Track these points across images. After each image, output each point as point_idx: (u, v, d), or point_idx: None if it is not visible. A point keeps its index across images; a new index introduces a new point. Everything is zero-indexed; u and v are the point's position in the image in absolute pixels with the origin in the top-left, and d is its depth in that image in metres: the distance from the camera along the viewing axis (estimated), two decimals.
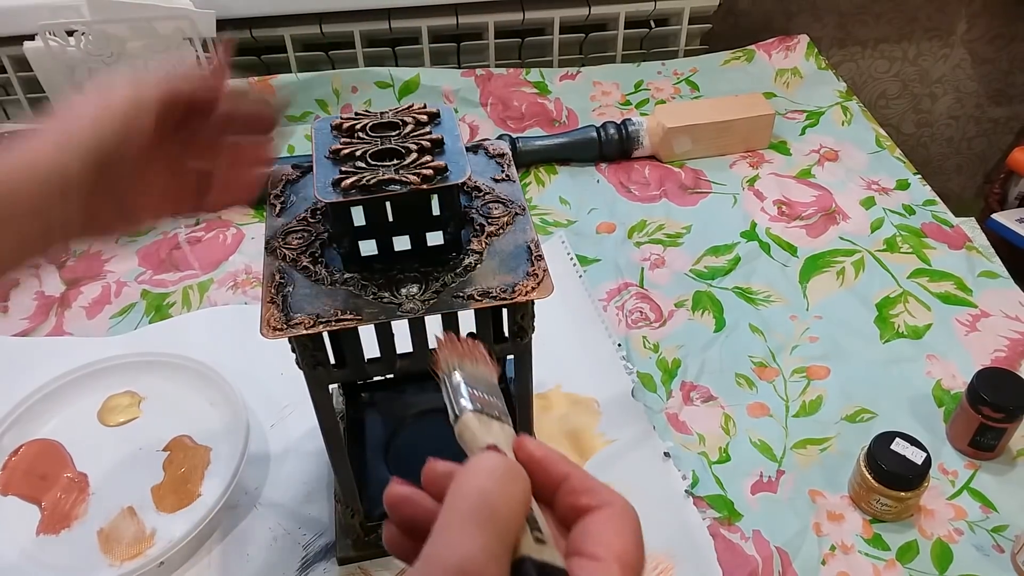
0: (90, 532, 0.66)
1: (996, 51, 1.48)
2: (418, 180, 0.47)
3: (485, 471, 0.29)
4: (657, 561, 0.65)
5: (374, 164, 0.48)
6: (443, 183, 0.47)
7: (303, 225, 0.54)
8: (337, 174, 0.48)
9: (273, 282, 0.50)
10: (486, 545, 0.27)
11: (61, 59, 1.00)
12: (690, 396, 0.77)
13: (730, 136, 1.04)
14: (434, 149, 0.50)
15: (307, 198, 0.56)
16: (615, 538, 0.30)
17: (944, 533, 0.66)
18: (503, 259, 0.51)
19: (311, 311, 0.48)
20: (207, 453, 0.71)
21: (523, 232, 0.53)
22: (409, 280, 0.50)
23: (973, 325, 0.83)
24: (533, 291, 0.49)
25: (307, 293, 0.49)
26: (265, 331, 0.47)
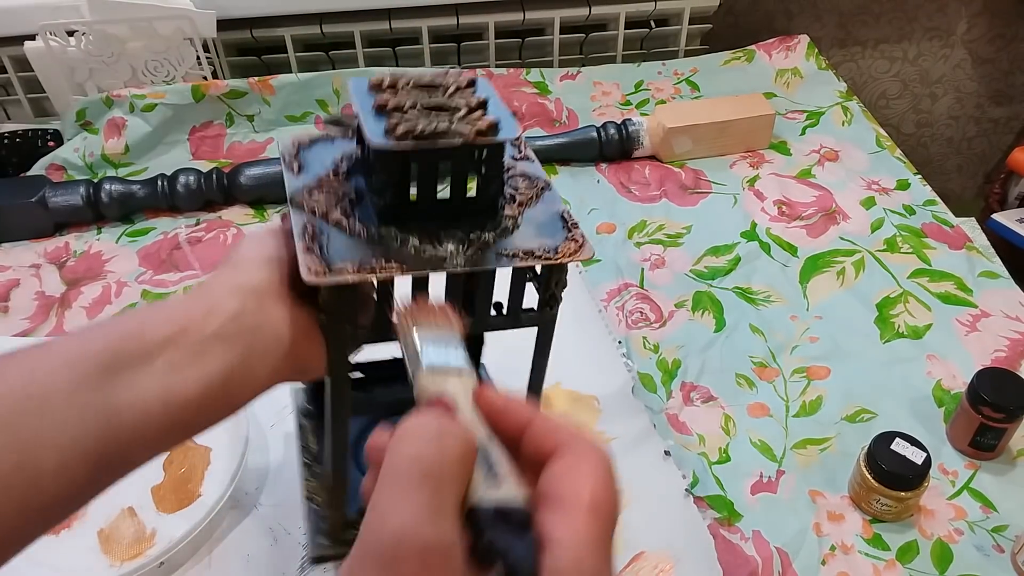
0: (90, 532, 0.66)
1: (996, 51, 1.48)
2: (472, 132, 0.45)
3: (413, 434, 0.29)
4: (657, 561, 0.65)
5: (426, 113, 0.47)
6: (496, 138, 0.46)
7: (327, 186, 0.52)
8: (387, 124, 0.45)
9: (307, 232, 0.47)
10: (420, 508, 0.26)
11: (61, 59, 1.00)
12: (690, 396, 0.77)
13: (730, 136, 1.04)
14: (481, 107, 0.48)
15: (325, 162, 0.54)
16: (584, 481, 0.29)
17: (944, 533, 0.66)
18: (539, 225, 0.50)
19: (351, 259, 0.46)
20: (207, 453, 0.71)
21: (553, 204, 0.52)
22: (449, 236, 0.48)
23: (973, 325, 0.83)
24: (577, 252, 0.48)
25: (344, 244, 0.47)
26: (307, 274, 0.44)
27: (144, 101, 1.00)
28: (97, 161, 1.00)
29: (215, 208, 0.97)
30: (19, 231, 0.93)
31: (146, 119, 1.01)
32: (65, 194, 0.92)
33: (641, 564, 0.64)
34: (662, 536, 0.66)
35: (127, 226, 0.95)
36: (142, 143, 1.01)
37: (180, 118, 1.03)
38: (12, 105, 1.13)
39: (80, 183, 0.93)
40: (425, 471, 0.27)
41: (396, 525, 0.26)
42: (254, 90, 1.04)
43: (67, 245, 0.92)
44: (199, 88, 1.02)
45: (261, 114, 1.06)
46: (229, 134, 1.05)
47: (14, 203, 0.91)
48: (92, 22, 0.98)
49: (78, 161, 1.00)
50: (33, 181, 0.95)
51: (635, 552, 0.65)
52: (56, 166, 1.00)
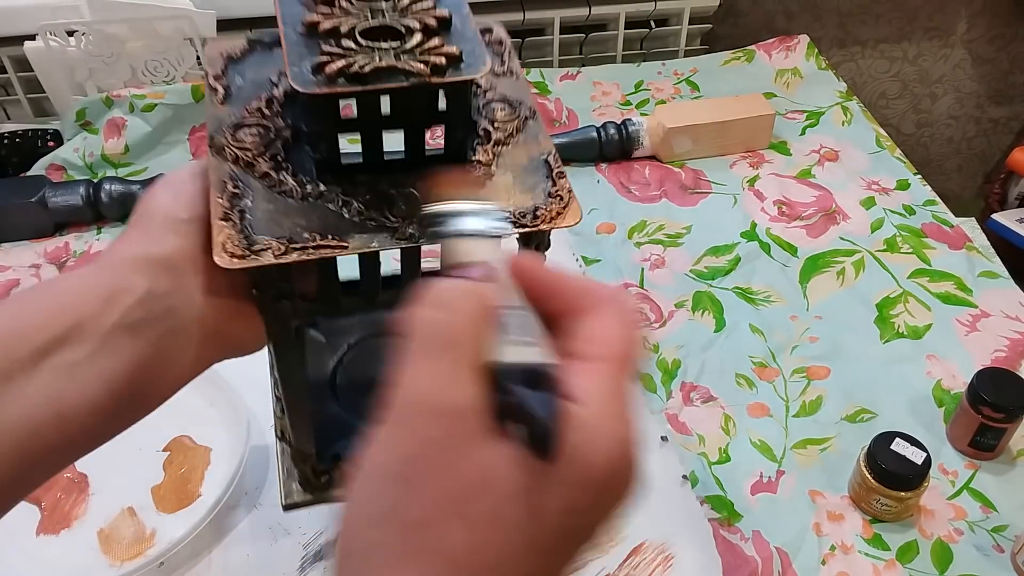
0: (90, 532, 0.66)
1: (996, 51, 1.48)
2: (426, 70, 0.36)
3: (427, 301, 0.28)
4: (657, 551, 0.65)
5: (366, 45, 0.37)
6: (457, 76, 0.37)
7: (256, 119, 0.42)
8: (317, 55, 0.36)
9: (225, 191, 0.38)
10: (438, 374, 0.26)
11: (61, 59, 1.00)
12: (690, 397, 0.77)
13: (730, 136, 1.04)
14: (440, 29, 0.39)
15: (259, 83, 0.44)
16: (613, 336, 0.29)
17: (944, 533, 0.66)
18: (517, 175, 0.42)
19: (279, 233, 0.37)
20: (207, 453, 0.71)
21: (536, 142, 0.43)
22: (403, 196, 0.40)
23: (973, 325, 0.83)
24: (559, 216, 0.40)
25: (271, 208, 0.38)
26: (221, 257, 0.36)
27: (144, 101, 1.00)
28: (97, 161, 1.00)
29: None
30: (19, 231, 0.93)
31: (146, 119, 1.01)
32: (65, 194, 0.92)
33: (641, 556, 0.65)
34: (661, 525, 0.66)
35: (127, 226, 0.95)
36: (142, 143, 1.01)
37: (180, 118, 1.03)
38: (12, 105, 1.13)
39: (80, 183, 0.93)
40: (440, 336, 0.27)
41: (415, 392, 0.26)
42: None
43: (67, 245, 0.92)
44: (199, 88, 1.02)
45: None
46: None
47: (14, 203, 0.91)
48: (92, 22, 0.98)
49: (78, 161, 1.00)
50: (33, 181, 0.95)
51: (635, 543, 0.65)
52: (56, 166, 1.00)
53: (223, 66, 0.45)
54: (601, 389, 0.28)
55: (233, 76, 0.44)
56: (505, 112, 0.45)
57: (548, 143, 0.43)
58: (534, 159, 0.43)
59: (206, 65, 0.45)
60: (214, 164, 0.40)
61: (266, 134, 0.41)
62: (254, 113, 0.42)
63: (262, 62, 0.44)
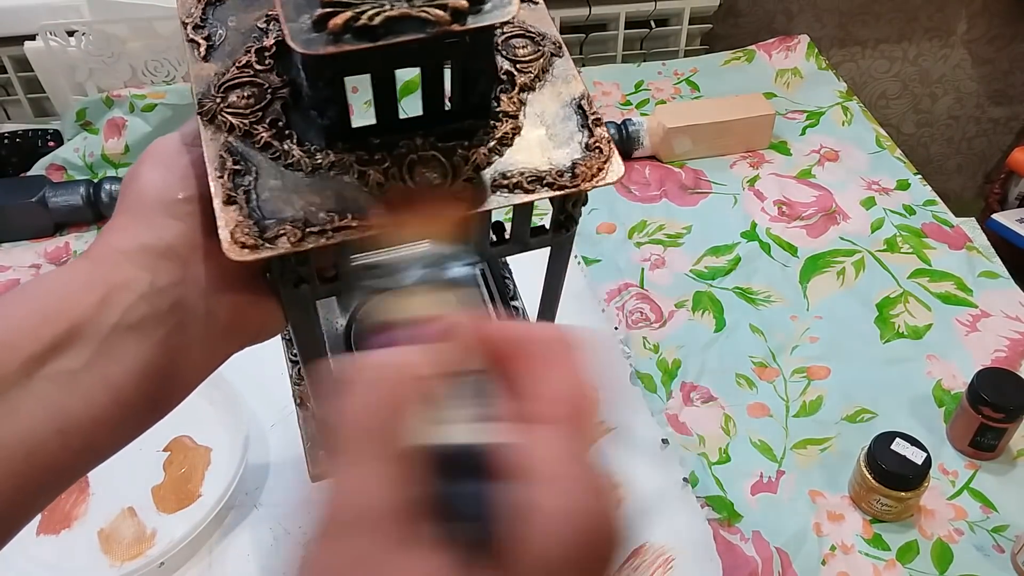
0: (91, 532, 0.66)
1: (996, 51, 1.48)
2: (446, 16, 0.31)
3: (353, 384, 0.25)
4: (657, 553, 0.65)
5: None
6: (481, 21, 0.32)
7: (248, 75, 0.36)
8: (318, 7, 0.31)
9: (225, 168, 0.34)
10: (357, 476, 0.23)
11: (61, 59, 1.00)
12: (690, 397, 0.77)
13: (730, 136, 1.04)
14: None
15: (245, 30, 0.38)
16: (559, 389, 0.25)
17: (944, 533, 0.66)
18: (549, 126, 0.37)
19: (292, 215, 0.33)
20: (207, 453, 0.71)
21: (566, 83, 0.39)
22: (427, 160, 0.35)
23: (973, 325, 0.83)
24: (600, 173, 0.36)
25: (278, 185, 0.34)
26: (231, 249, 0.32)
27: (144, 101, 1.00)
28: (97, 161, 1.00)
29: None
30: (19, 231, 0.93)
31: (146, 119, 1.01)
32: (65, 194, 0.92)
33: (641, 559, 0.65)
34: (661, 528, 0.66)
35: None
36: (142, 143, 1.01)
37: (180, 118, 1.03)
38: (12, 105, 1.13)
39: (80, 183, 0.93)
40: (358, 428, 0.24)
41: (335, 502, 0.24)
42: None
43: (67, 245, 0.92)
44: None
45: None
46: None
47: (14, 203, 0.91)
48: (92, 22, 0.98)
49: (78, 161, 1.00)
50: (33, 181, 0.95)
51: (635, 545, 0.65)
52: (56, 166, 1.00)
53: (200, 13, 0.39)
54: (556, 456, 0.23)
55: (214, 24, 0.38)
56: (527, 49, 0.39)
57: (579, 84, 0.39)
58: (566, 104, 0.38)
59: (180, 12, 0.39)
60: (207, 135, 0.35)
61: (261, 94, 0.36)
62: (244, 69, 0.37)
63: (245, 2, 0.38)
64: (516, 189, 0.35)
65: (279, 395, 0.75)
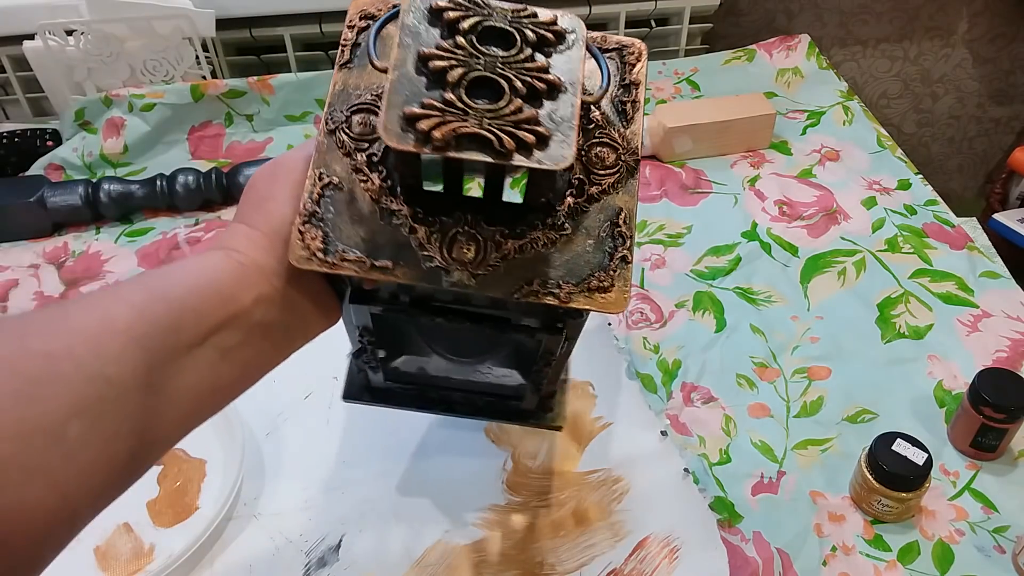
0: (86, 550, 0.65)
1: (997, 51, 1.48)
2: (511, 146, 0.36)
3: None
4: (662, 544, 0.65)
5: (464, 105, 0.36)
6: (534, 163, 0.36)
7: (375, 104, 0.43)
8: (418, 103, 0.36)
9: (316, 186, 0.41)
10: None
11: (60, 59, 1.00)
12: (691, 397, 0.76)
13: (731, 136, 1.03)
14: (545, 96, 0.38)
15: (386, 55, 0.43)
16: None
17: (945, 534, 0.66)
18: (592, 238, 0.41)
19: (355, 242, 0.40)
20: (202, 466, 0.70)
21: (626, 200, 0.43)
22: (466, 239, 0.40)
23: (974, 325, 0.83)
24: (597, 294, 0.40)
25: (352, 212, 0.41)
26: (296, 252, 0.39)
27: (143, 101, 1.00)
28: (96, 161, 1.00)
29: (214, 208, 0.97)
30: (18, 231, 0.93)
31: (145, 119, 1.01)
32: (64, 194, 0.92)
33: (647, 550, 0.65)
34: (665, 519, 0.66)
35: (126, 226, 0.95)
36: (141, 143, 1.01)
37: (179, 118, 1.03)
38: (11, 105, 1.12)
39: (79, 183, 0.93)
40: None
41: None
42: (253, 90, 1.04)
43: (66, 245, 0.92)
44: (198, 88, 1.02)
45: (260, 114, 1.05)
46: (228, 134, 1.05)
47: (13, 203, 0.91)
48: (91, 21, 0.98)
49: (77, 161, 1.00)
50: (32, 181, 0.94)
51: (640, 537, 0.65)
52: (55, 166, 1.00)
53: (358, 31, 0.46)
54: None
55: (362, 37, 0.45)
56: (609, 160, 0.43)
57: (632, 205, 0.43)
58: (612, 222, 0.42)
59: (348, 21, 0.46)
60: (321, 146, 0.42)
61: (374, 123, 0.42)
62: (375, 98, 0.43)
63: (414, 35, 0.41)
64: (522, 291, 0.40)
65: (272, 404, 0.75)
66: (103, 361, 0.34)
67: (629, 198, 0.43)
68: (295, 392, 0.76)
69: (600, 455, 0.71)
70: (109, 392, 0.34)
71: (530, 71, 0.38)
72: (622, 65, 0.47)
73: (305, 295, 0.43)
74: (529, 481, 0.69)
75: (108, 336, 0.35)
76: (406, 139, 0.36)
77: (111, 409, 0.34)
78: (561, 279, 0.41)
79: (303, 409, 0.75)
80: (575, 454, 0.71)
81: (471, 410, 0.60)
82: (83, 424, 0.32)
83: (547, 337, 0.47)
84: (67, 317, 0.35)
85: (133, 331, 0.35)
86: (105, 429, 0.33)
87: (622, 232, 0.42)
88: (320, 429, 0.73)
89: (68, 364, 0.33)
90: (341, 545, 0.65)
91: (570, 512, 0.67)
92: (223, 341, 0.39)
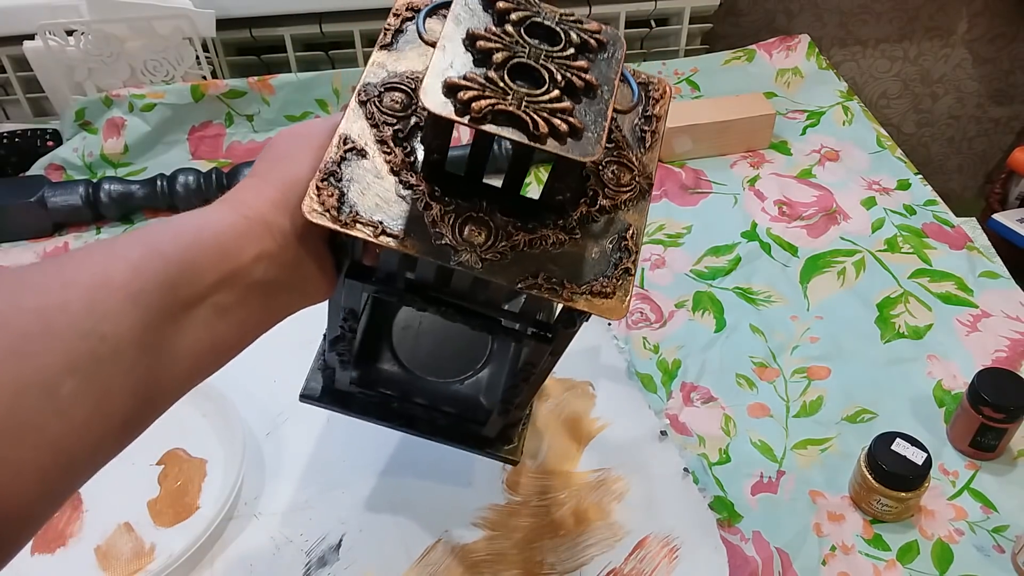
0: (87, 549, 0.65)
1: (997, 51, 1.48)
2: (545, 131, 0.37)
3: None
4: (662, 543, 0.65)
5: (504, 85, 0.37)
6: (565, 151, 0.37)
7: (409, 85, 0.44)
8: (461, 73, 0.37)
9: (346, 146, 0.42)
10: None
11: (61, 59, 1.00)
12: (690, 397, 0.76)
13: (731, 136, 1.03)
14: (581, 94, 0.39)
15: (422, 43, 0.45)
16: None
17: (945, 533, 0.66)
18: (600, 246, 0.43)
19: (362, 205, 0.40)
20: (203, 465, 0.70)
21: (636, 218, 0.44)
22: (478, 224, 0.41)
23: (974, 325, 0.83)
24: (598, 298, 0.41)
25: (369, 181, 0.41)
26: (311, 207, 0.40)
27: (143, 101, 1.00)
28: (96, 161, 1.00)
29: None
30: (18, 231, 0.93)
31: (145, 119, 1.01)
32: (64, 194, 0.92)
33: (646, 549, 0.65)
34: (664, 519, 0.66)
35: (126, 226, 0.95)
36: (141, 143, 1.01)
37: (179, 118, 1.03)
38: (11, 105, 1.13)
39: (79, 183, 0.93)
40: None
41: None
42: (253, 90, 1.04)
43: (66, 245, 0.92)
44: (198, 88, 1.02)
45: (260, 114, 1.06)
46: (228, 134, 1.05)
47: (13, 203, 0.91)
48: (91, 21, 0.98)
49: (77, 161, 1.00)
50: (32, 181, 0.94)
51: (639, 537, 0.65)
52: (55, 166, 1.00)
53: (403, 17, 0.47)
54: None
55: (407, 28, 0.46)
56: (624, 179, 0.44)
57: (641, 223, 0.43)
58: (619, 237, 0.43)
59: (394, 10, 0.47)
60: (351, 114, 0.42)
61: (408, 104, 0.43)
62: (410, 80, 0.44)
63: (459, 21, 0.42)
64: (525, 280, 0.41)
65: (272, 404, 0.75)
66: (97, 318, 0.33)
67: (639, 217, 0.44)
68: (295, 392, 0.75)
69: (600, 455, 0.71)
70: (103, 349, 0.33)
71: (572, 68, 0.39)
72: (646, 98, 0.49)
73: (308, 256, 0.43)
74: (529, 481, 0.69)
75: (103, 293, 0.34)
76: (446, 106, 0.36)
77: (106, 367, 0.33)
78: (565, 279, 0.41)
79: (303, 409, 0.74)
80: (575, 454, 0.71)
81: (431, 429, 0.58)
82: (76, 381, 0.32)
83: (533, 344, 0.47)
84: (62, 273, 0.34)
85: (129, 288, 0.35)
86: (100, 386, 0.33)
87: (628, 246, 0.43)
88: (320, 429, 0.73)
89: (61, 320, 0.32)
90: (341, 544, 0.65)
91: (570, 512, 0.67)
92: (222, 299, 0.39)
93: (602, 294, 0.41)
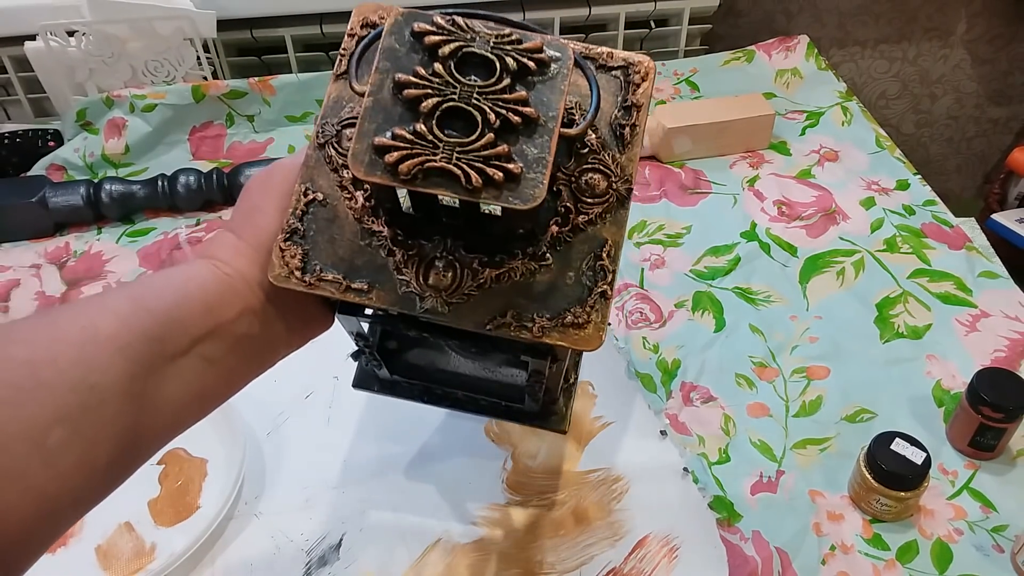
0: (88, 549, 0.65)
1: (996, 51, 1.48)
2: (478, 183, 0.35)
3: None
4: (661, 543, 0.65)
5: (433, 137, 0.36)
6: (505, 202, 0.35)
7: None
8: (388, 133, 0.36)
9: (300, 202, 0.41)
10: None
11: (61, 59, 1.00)
12: (690, 397, 0.77)
13: (730, 136, 1.04)
14: (521, 130, 0.36)
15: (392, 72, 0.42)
16: None
17: (944, 533, 0.66)
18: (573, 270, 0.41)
19: (327, 260, 0.40)
20: (203, 465, 0.70)
21: (613, 232, 0.41)
22: (443, 264, 0.40)
23: (973, 325, 0.83)
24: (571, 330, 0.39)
25: (333, 233, 0.41)
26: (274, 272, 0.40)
27: (144, 101, 1.00)
28: (97, 161, 1.00)
29: (215, 208, 0.97)
30: (19, 231, 0.93)
31: (146, 119, 1.01)
32: (65, 194, 0.92)
33: (646, 549, 0.65)
34: (664, 518, 0.66)
35: (127, 226, 0.95)
36: (142, 143, 1.01)
37: (180, 118, 1.03)
38: (12, 105, 1.13)
39: (80, 183, 0.93)
40: None
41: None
42: (254, 90, 1.04)
43: (67, 245, 0.92)
44: (199, 88, 1.02)
45: (261, 114, 1.06)
46: (229, 134, 1.05)
47: (14, 203, 0.91)
48: (92, 22, 0.98)
49: (78, 161, 1.00)
50: (33, 181, 0.95)
51: (639, 536, 0.65)
52: (56, 166, 1.00)
53: (359, 41, 0.45)
54: None
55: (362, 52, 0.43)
56: (600, 187, 0.41)
57: (619, 237, 0.41)
58: (595, 255, 0.41)
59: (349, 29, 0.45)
60: (310, 160, 0.42)
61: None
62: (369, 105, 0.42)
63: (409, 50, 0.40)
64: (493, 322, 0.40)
65: (272, 404, 0.75)
66: (86, 370, 0.34)
67: (616, 229, 0.42)
68: (296, 392, 0.76)
69: (600, 454, 0.71)
70: (92, 400, 0.34)
71: (507, 103, 0.36)
72: (626, 84, 0.44)
73: (289, 307, 0.44)
74: (529, 480, 0.69)
75: (92, 345, 0.35)
76: (374, 170, 0.36)
77: (94, 416, 0.34)
78: (536, 312, 0.40)
79: (304, 409, 0.75)
80: (575, 453, 0.71)
81: (476, 408, 0.60)
82: (65, 431, 0.33)
83: (532, 360, 0.47)
84: (52, 326, 0.35)
85: (118, 340, 0.36)
86: (87, 436, 0.34)
87: (604, 266, 0.41)
88: (321, 429, 0.73)
89: (51, 372, 0.33)
90: (342, 544, 0.65)
91: (570, 511, 0.67)
92: (208, 351, 0.40)
93: (575, 325, 0.40)
